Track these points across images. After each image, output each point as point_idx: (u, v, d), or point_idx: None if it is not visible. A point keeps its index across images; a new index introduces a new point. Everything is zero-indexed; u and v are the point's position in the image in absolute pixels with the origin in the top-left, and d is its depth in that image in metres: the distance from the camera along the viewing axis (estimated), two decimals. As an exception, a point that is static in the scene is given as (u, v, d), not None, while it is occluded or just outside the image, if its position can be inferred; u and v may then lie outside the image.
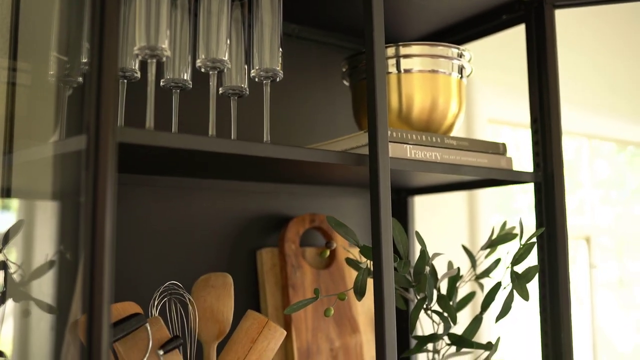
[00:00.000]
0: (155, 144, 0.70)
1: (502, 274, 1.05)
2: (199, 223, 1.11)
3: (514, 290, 1.00)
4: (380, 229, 0.83)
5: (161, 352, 0.81)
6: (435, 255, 0.96)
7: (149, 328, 0.82)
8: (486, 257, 1.10)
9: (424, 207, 1.43)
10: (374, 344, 1.19)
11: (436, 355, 1.09)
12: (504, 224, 1.09)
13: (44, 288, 1.02)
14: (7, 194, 1.04)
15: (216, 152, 0.74)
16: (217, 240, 1.13)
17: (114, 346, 0.81)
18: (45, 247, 1.12)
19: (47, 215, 1.11)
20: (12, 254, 1.03)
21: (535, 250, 1.05)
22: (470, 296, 1.11)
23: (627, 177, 2.61)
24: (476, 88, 1.72)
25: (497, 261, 1.10)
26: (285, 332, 0.89)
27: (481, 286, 1.12)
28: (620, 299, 2.58)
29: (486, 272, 1.09)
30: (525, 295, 0.96)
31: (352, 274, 1.19)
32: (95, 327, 0.64)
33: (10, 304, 1.02)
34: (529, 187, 1.12)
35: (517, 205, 2.11)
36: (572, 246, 2.15)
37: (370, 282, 0.95)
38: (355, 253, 1.15)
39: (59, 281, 1.05)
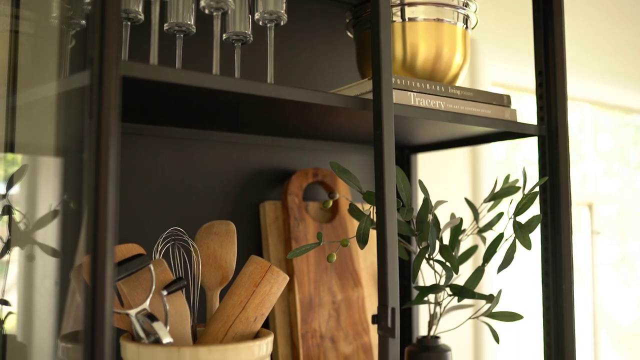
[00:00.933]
0: (159, 79, 0.69)
1: (504, 228, 1.05)
2: (202, 175, 1.11)
3: (516, 241, 1.01)
4: (383, 175, 0.83)
5: (165, 293, 0.82)
6: (438, 203, 0.96)
7: (152, 269, 0.82)
8: (489, 210, 1.10)
9: (427, 165, 1.43)
10: (376, 298, 1.19)
11: (438, 308, 1.10)
12: (507, 177, 1.09)
13: (49, 235, 1.02)
14: (11, 145, 1.04)
15: (220, 89, 0.74)
16: (221, 192, 1.13)
17: (118, 286, 0.82)
18: (48, 197, 1.12)
19: (50, 165, 1.11)
20: (16, 205, 1.04)
21: (537, 201, 1.05)
22: (472, 249, 1.11)
23: (631, 151, 2.61)
24: (481, 49, 1.71)
25: (500, 215, 1.10)
26: (287, 278, 0.89)
27: (483, 239, 1.12)
28: (622, 275, 2.60)
29: (489, 225, 1.09)
30: (527, 245, 0.97)
31: (354, 228, 1.20)
32: (99, 265, 0.65)
33: (15, 250, 1.03)
34: (533, 159, 1.12)
35: (519, 169, 2.11)
36: (574, 212, 2.16)
37: (373, 234, 0.96)
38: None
39: (63, 229, 1.06)
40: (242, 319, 0.85)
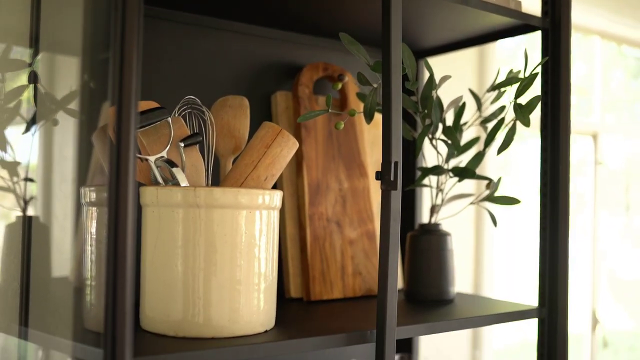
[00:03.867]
0: None
1: (505, 112, 1.09)
2: (218, 64, 1.16)
3: (516, 124, 1.05)
4: (390, 42, 0.87)
5: (182, 145, 0.87)
6: (443, 79, 1.00)
7: (170, 122, 0.88)
8: (492, 102, 1.14)
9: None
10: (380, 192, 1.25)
11: (440, 194, 1.15)
12: (511, 70, 1.13)
13: (71, 106, 1.08)
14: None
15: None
16: (234, 82, 1.18)
17: (138, 137, 0.87)
18: (69, 80, 1.18)
19: (71, 49, 1.16)
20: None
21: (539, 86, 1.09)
22: (474, 140, 1.16)
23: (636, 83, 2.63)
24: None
25: (502, 108, 1.14)
26: (297, 143, 0.94)
27: (486, 130, 1.16)
28: (623, 207, 2.64)
29: (493, 116, 1.13)
30: (526, 123, 1.01)
31: (361, 117, 1.24)
32: (124, 115, 0.69)
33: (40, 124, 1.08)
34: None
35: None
36: (578, 143, 2.20)
37: (378, 116, 1.00)
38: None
39: (83, 105, 1.11)
40: (253, 177, 0.91)
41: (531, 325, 1.18)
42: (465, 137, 1.15)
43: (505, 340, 2.21)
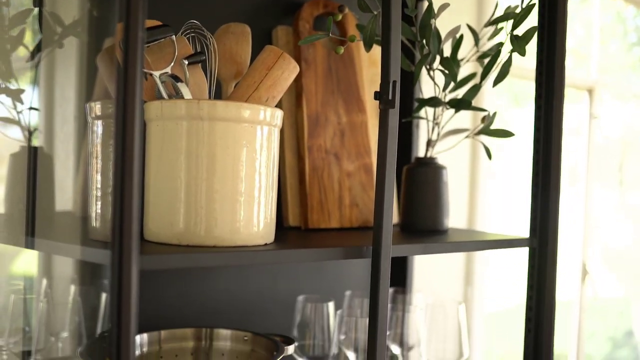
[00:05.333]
0: None
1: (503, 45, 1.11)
2: (219, -4, 1.18)
3: (512, 56, 1.07)
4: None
5: (186, 62, 0.89)
6: (442, 8, 1.02)
7: (175, 40, 0.90)
8: (489, 39, 1.16)
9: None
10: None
11: (436, 128, 1.18)
12: (509, 6, 1.15)
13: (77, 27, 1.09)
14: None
15: None
16: (235, 17, 1.19)
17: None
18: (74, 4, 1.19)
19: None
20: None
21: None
22: (471, 76, 1.18)
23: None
24: None
25: (500, 44, 1.16)
26: (298, 67, 0.96)
27: (483, 65, 1.18)
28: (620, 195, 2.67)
29: (490, 51, 1.15)
30: (522, 52, 1.03)
31: (361, 56, 1.26)
32: (132, 29, 0.71)
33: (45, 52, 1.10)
34: None
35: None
36: (574, 96, 2.22)
37: (377, 55, 1.02)
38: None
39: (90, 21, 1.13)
40: (254, 97, 0.93)
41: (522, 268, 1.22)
42: (462, 73, 1.17)
43: (498, 277, 2.25)
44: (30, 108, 1.16)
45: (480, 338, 1.85)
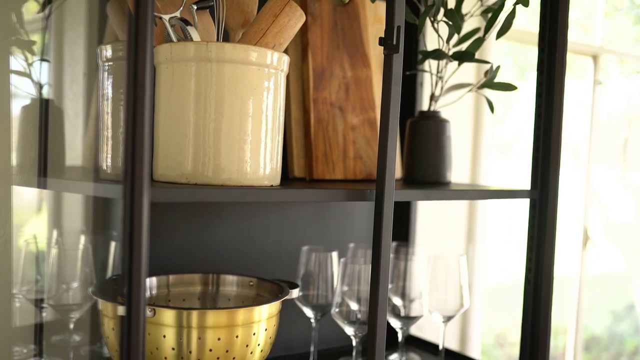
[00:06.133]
0: None
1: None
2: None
3: (515, 8, 1.09)
4: None
5: (194, 7, 0.91)
6: (446, -42, 1.03)
7: (183, -15, 0.91)
8: (493, -6, 1.17)
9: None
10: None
11: (440, 81, 1.19)
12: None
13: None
14: None
15: None
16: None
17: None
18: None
19: None
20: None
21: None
22: (475, 30, 1.19)
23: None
24: None
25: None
26: (304, 15, 0.98)
27: (486, 19, 1.19)
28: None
29: (494, 5, 1.16)
30: (525, 3, 1.04)
31: (366, 12, 1.27)
32: None
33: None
34: None
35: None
36: (578, 63, 2.23)
37: (381, 14, 1.03)
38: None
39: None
40: (261, 44, 0.95)
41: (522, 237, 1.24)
42: (466, 29, 1.19)
43: (499, 236, 2.28)
44: (41, 59, 1.18)
45: (481, 294, 1.89)
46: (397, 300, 1.26)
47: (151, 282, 1.06)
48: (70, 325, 1.16)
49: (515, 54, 2.40)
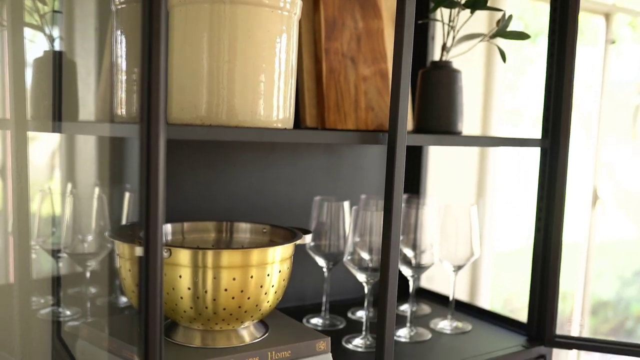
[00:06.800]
0: None
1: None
2: None
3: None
4: None
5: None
6: None
7: None
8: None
9: None
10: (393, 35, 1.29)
11: (451, 31, 1.19)
12: None
13: None
14: None
15: None
16: None
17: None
18: None
19: None
20: None
21: None
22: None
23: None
24: None
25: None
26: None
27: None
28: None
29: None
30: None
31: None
32: None
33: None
34: None
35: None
36: (590, 25, 2.21)
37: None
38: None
39: None
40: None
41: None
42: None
43: (509, 189, 2.28)
44: (54, 11, 1.18)
45: (490, 244, 1.90)
46: (408, 252, 1.27)
47: (166, 229, 1.08)
48: (87, 274, 1.18)
49: (526, 18, 2.38)
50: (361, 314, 1.33)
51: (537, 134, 1.19)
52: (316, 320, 1.26)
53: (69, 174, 1.40)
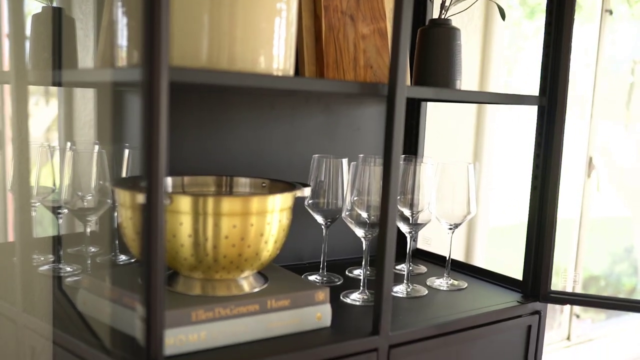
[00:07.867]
0: None
1: None
2: None
3: None
4: None
5: None
6: None
7: None
8: None
9: None
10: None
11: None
12: None
13: None
14: None
15: None
16: None
17: None
18: None
19: None
20: None
21: None
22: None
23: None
24: None
25: None
26: None
27: None
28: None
29: None
30: None
31: None
32: None
33: None
34: None
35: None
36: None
37: None
38: None
39: None
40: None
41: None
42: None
43: (505, 149, 2.29)
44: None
45: (487, 207, 1.90)
46: (405, 211, 1.28)
47: (166, 182, 1.08)
48: (87, 231, 1.18)
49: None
50: (359, 272, 1.34)
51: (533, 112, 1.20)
52: (314, 277, 1.27)
53: (67, 131, 1.41)
